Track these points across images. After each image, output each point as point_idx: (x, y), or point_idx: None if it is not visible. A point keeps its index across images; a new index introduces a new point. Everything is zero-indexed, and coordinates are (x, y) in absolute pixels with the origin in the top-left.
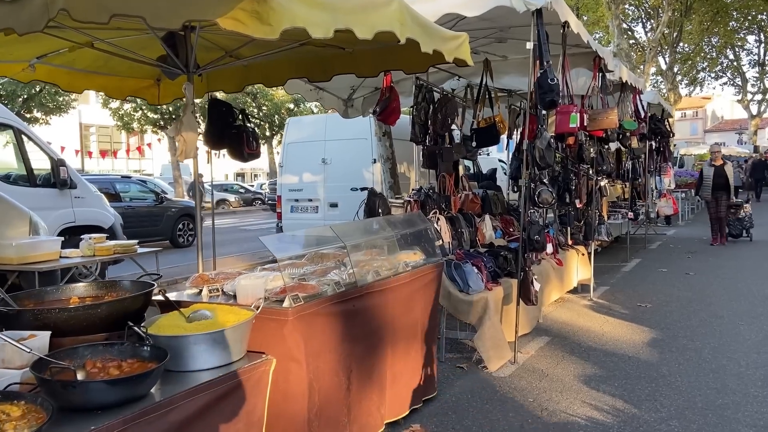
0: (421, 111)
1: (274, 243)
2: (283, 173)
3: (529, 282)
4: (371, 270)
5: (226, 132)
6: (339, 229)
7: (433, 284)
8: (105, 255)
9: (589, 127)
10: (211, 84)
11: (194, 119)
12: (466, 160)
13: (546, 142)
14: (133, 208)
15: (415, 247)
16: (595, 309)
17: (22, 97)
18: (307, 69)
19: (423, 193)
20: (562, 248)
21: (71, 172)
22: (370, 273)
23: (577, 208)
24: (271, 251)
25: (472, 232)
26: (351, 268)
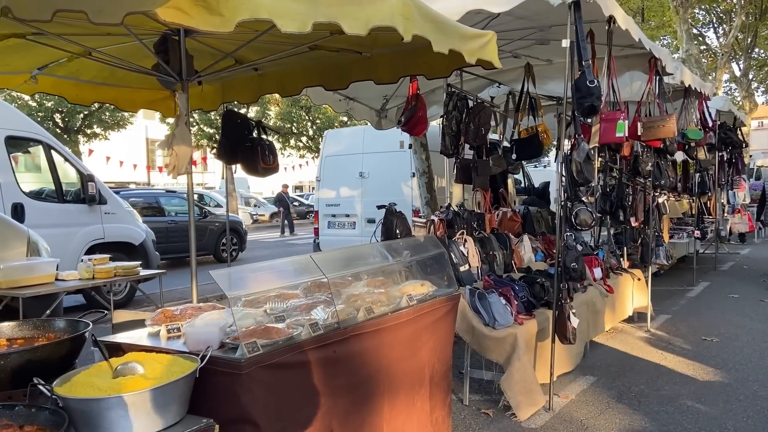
0: (452, 120)
1: (225, 279)
2: (320, 187)
3: (566, 317)
4: (362, 307)
5: (240, 145)
6: (325, 258)
7: (446, 320)
8: (105, 278)
9: (643, 137)
10: (225, 94)
11: (188, 132)
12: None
13: (584, 154)
14: (176, 222)
15: (425, 276)
16: (652, 342)
17: (82, 113)
18: (322, 76)
19: (451, 211)
20: (614, 272)
21: (101, 187)
22: (360, 310)
23: (632, 226)
24: (222, 288)
25: (508, 254)
26: (333, 306)
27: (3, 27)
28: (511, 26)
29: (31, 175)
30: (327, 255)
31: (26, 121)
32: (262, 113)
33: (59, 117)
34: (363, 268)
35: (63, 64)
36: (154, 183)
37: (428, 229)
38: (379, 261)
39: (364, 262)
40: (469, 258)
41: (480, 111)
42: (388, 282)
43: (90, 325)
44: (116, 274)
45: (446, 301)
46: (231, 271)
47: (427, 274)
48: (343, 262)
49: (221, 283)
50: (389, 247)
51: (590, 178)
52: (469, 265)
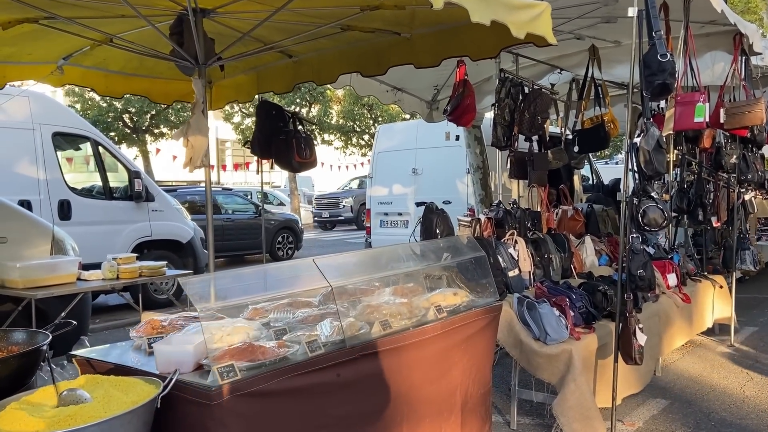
0: (504, 109)
1: (195, 287)
2: (372, 185)
3: (630, 333)
4: (377, 320)
5: (274, 138)
6: (339, 262)
7: (484, 335)
8: (130, 278)
9: (726, 125)
10: (261, 85)
11: (205, 121)
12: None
13: (654, 141)
14: (232, 220)
15: (462, 283)
16: (736, 359)
17: (150, 113)
18: (359, 62)
19: (502, 208)
20: (692, 279)
21: (148, 184)
22: (374, 325)
23: (713, 227)
24: (190, 298)
25: (566, 258)
26: (338, 321)
27: (10, 11)
28: (571, 1)
29: (78, 171)
30: (345, 258)
31: (74, 117)
32: (324, 111)
33: (128, 117)
34: (382, 274)
35: (88, 53)
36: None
37: (473, 230)
38: (406, 265)
39: (387, 266)
40: (519, 262)
41: (536, 98)
42: (417, 290)
43: (49, 337)
44: (141, 274)
45: (484, 313)
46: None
47: (463, 281)
48: (360, 267)
49: (190, 291)
50: (421, 250)
51: (661, 170)
52: (519, 269)
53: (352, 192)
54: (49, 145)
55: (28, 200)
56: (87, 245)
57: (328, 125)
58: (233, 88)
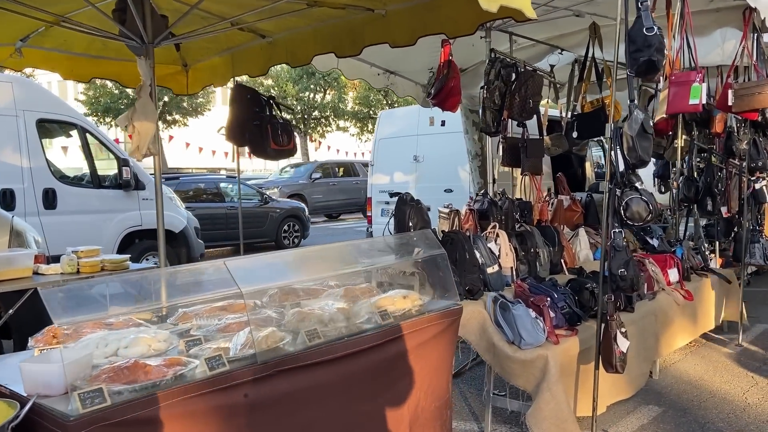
0: (494, 92)
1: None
2: (373, 172)
3: (611, 338)
4: (303, 330)
5: (248, 124)
6: (252, 264)
7: (439, 343)
8: (90, 272)
9: (735, 108)
10: (236, 67)
11: (152, 105)
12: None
13: (638, 126)
14: (235, 209)
15: (415, 285)
16: (742, 362)
17: (162, 100)
18: (333, 41)
19: (487, 199)
20: (698, 273)
21: (139, 172)
22: (300, 335)
23: (723, 217)
24: (50, 315)
25: (555, 252)
26: (249, 333)
27: None
28: None
29: (64, 159)
30: (280, 256)
31: (60, 103)
32: (338, 97)
33: None
34: (318, 276)
35: (46, 35)
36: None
37: (452, 222)
38: (349, 265)
39: (331, 266)
40: (501, 257)
41: (527, 79)
42: (371, 291)
43: None
44: (103, 268)
45: (440, 318)
46: (141, 276)
47: (419, 282)
48: (296, 268)
49: (49, 304)
50: (376, 247)
51: (645, 158)
52: (500, 265)
53: (277, 182)
54: (33, 132)
55: (11, 189)
56: (74, 235)
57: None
58: (209, 71)
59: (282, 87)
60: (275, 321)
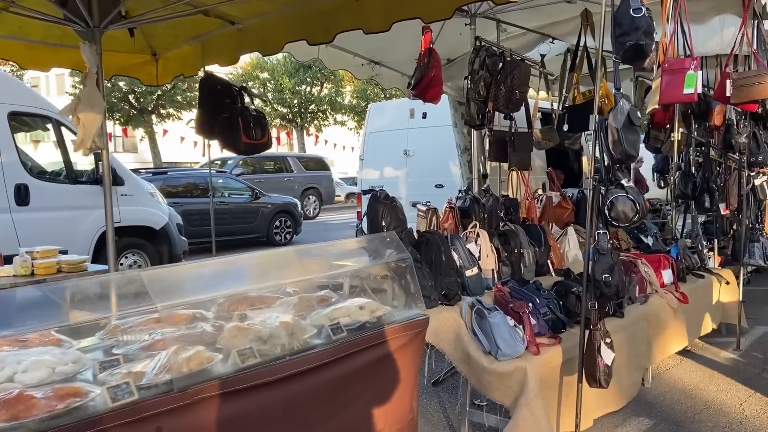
0: (479, 83)
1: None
2: (363, 167)
3: (595, 350)
4: (234, 350)
5: (217, 117)
6: (201, 271)
7: (400, 358)
8: (45, 274)
9: (733, 99)
10: (206, 56)
11: (98, 95)
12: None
13: (624, 117)
14: (225, 204)
15: (376, 293)
16: (740, 368)
17: (156, 93)
18: (305, 28)
19: (469, 196)
20: (694, 274)
21: (117, 167)
22: (231, 355)
23: (722, 215)
24: None
25: (541, 252)
26: (164, 358)
27: None
28: None
29: (38, 153)
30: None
31: (33, 95)
32: (335, 90)
33: (133, 98)
34: (263, 285)
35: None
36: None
37: (429, 221)
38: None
39: (279, 273)
40: (481, 258)
41: (514, 69)
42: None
43: None
44: (60, 269)
45: (401, 331)
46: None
47: (380, 290)
48: (249, 274)
49: None
50: (335, 251)
51: (632, 152)
52: (479, 268)
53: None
54: (4, 125)
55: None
56: (48, 232)
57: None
58: (179, 61)
59: (278, 80)
60: (210, 337)
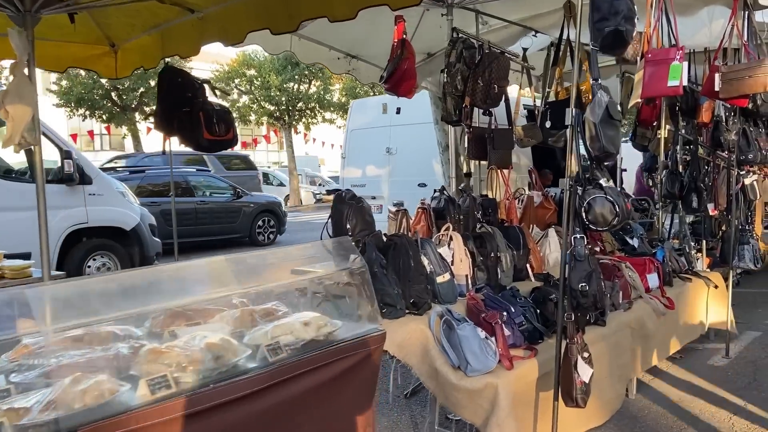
0: (455, 76)
1: None
2: (345, 165)
3: (571, 366)
4: (146, 379)
5: (176, 112)
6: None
7: (352, 381)
8: None
9: (722, 93)
10: (166, 47)
11: (29, 85)
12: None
13: (602, 111)
14: (205, 203)
15: (325, 306)
16: (729, 378)
17: (139, 90)
18: (267, 16)
19: (444, 196)
20: (681, 277)
21: (85, 165)
22: (139, 386)
23: (710, 215)
24: None
25: (520, 256)
26: (55, 391)
27: None
28: None
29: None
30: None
31: None
32: (324, 88)
33: (116, 95)
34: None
35: None
36: None
37: (399, 224)
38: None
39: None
40: (454, 263)
41: (492, 62)
42: (272, 315)
43: None
44: (2, 275)
45: (354, 349)
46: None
47: (331, 302)
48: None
49: None
50: (285, 258)
51: (611, 149)
52: (452, 273)
53: None
54: None
55: None
56: (10, 234)
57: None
58: (138, 52)
59: (265, 77)
60: (125, 361)
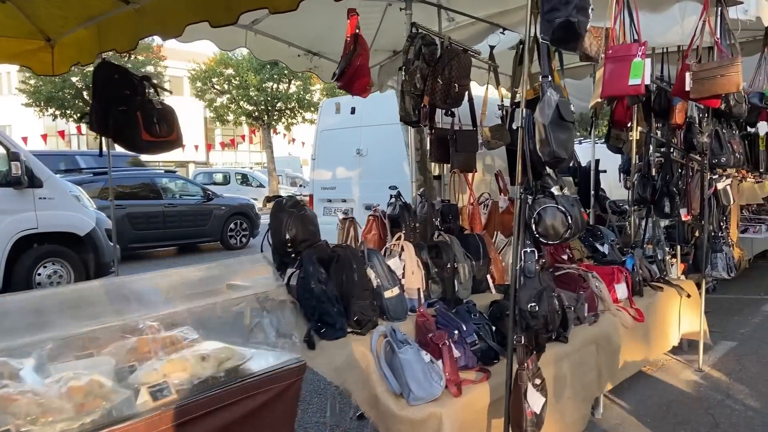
0: (414, 74)
1: None
2: (315, 167)
3: (521, 395)
4: None
5: (111, 110)
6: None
7: (263, 421)
8: None
9: (693, 93)
10: (103, 41)
11: None
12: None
13: (552, 111)
14: (174, 206)
15: (234, 333)
16: (702, 393)
17: None
18: (206, 8)
19: (399, 202)
20: (652, 286)
21: (35, 167)
22: None
23: (682, 221)
24: None
25: (480, 266)
26: None
27: None
28: None
29: None
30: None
31: None
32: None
33: (87, 94)
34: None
35: None
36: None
37: (345, 234)
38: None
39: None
40: (406, 276)
41: (452, 59)
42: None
43: None
44: None
45: (265, 385)
46: None
47: (242, 328)
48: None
49: None
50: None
51: (561, 154)
52: (401, 288)
53: None
54: None
55: None
56: None
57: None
58: (75, 47)
59: (243, 77)
60: None
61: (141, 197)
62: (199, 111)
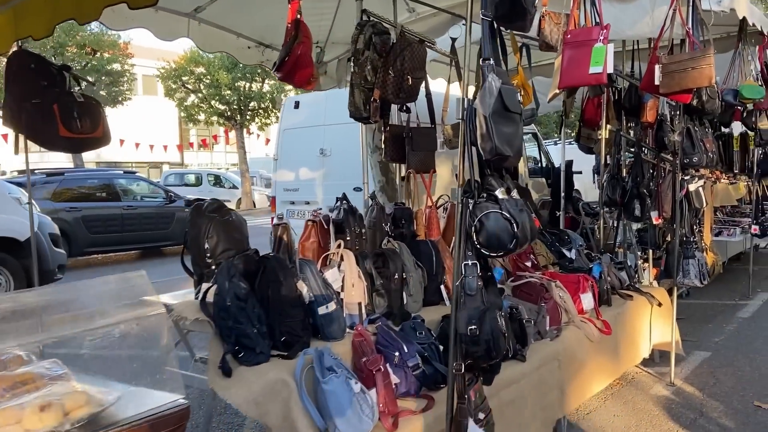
0: (365, 66)
1: None
2: (277, 168)
3: (461, 428)
4: None
5: (24, 104)
6: None
7: None
8: None
9: (663, 88)
10: (19, 28)
11: None
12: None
13: (493, 99)
14: (133, 208)
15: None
16: (674, 411)
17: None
18: None
19: (344, 206)
20: (621, 294)
21: None
22: None
23: (653, 225)
24: None
25: (432, 276)
26: None
27: None
28: None
29: None
30: None
31: None
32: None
33: None
34: None
35: None
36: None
37: (276, 241)
38: None
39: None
40: (345, 289)
41: (403, 49)
42: (33, 384)
43: None
44: None
45: None
46: None
47: (109, 364)
48: None
49: None
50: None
51: (505, 151)
52: (340, 303)
53: None
54: None
55: None
56: None
57: None
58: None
59: (214, 75)
60: None
61: (98, 199)
62: (172, 111)
